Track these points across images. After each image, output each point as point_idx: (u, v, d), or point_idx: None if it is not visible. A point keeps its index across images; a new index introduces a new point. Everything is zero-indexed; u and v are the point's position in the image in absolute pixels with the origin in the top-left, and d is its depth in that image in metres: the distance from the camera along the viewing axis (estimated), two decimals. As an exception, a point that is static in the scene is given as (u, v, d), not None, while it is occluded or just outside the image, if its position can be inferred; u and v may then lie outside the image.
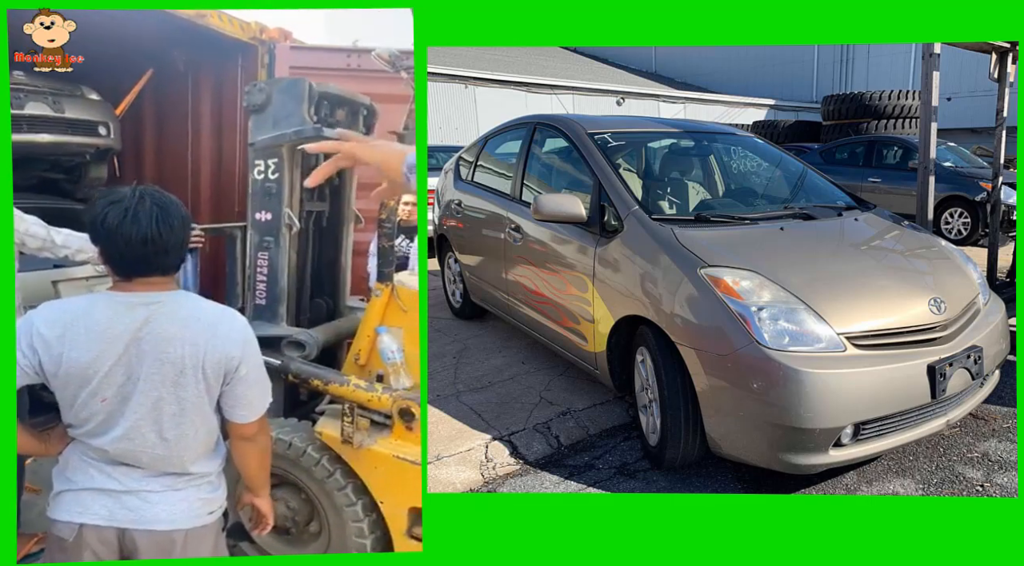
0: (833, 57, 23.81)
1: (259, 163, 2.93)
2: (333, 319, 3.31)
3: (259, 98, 2.90)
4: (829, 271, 2.92)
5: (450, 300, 5.24)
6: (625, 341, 3.15)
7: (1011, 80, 5.67)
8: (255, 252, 2.97)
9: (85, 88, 4.81)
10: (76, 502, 1.66)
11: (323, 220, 3.31)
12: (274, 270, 2.94)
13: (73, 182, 5.22)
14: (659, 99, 21.24)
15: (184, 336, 1.63)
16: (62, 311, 1.64)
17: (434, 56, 15.73)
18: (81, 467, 1.68)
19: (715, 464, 2.95)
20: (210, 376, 1.67)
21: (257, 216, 2.95)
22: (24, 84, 4.37)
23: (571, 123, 3.87)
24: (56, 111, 4.46)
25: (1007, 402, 3.42)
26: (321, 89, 2.98)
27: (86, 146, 4.77)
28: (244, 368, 1.71)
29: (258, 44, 4.56)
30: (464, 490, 2.87)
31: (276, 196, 2.91)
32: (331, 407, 2.75)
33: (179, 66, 5.00)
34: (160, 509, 1.67)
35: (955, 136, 13.31)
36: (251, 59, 4.61)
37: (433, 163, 8.33)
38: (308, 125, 2.85)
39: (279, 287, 2.95)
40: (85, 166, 5.10)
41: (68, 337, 1.59)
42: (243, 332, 1.73)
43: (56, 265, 3.70)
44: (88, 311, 1.62)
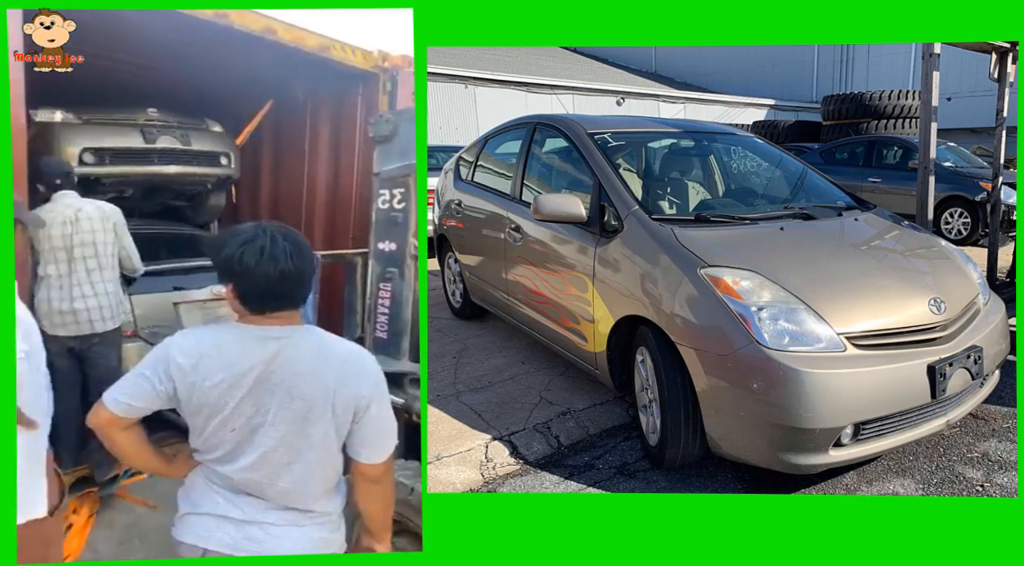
0: (833, 57, 23.81)
1: (384, 192, 2.92)
2: None
3: (386, 129, 2.91)
4: (829, 271, 2.92)
5: (450, 300, 5.24)
6: (625, 341, 3.15)
7: (1011, 80, 5.67)
8: (377, 283, 2.93)
9: (209, 121, 5.05)
10: (201, 526, 1.66)
11: None
12: (398, 302, 2.90)
13: (194, 209, 5.48)
14: (659, 99, 21.24)
15: (314, 372, 1.63)
16: (196, 341, 1.65)
17: (434, 56, 15.72)
18: (207, 492, 1.68)
19: (715, 464, 2.95)
20: (339, 414, 1.65)
21: (380, 246, 2.92)
22: (157, 120, 4.64)
23: (571, 123, 3.87)
24: (184, 144, 4.69)
25: (1007, 402, 3.42)
26: None
27: (208, 176, 5.00)
28: (374, 408, 1.68)
29: (380, 72, 4.61)
30: (464, 490, 2.87)
31: (402, 226, 2.90)
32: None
33: (299, 96, 5.17)
34: (283, 543, 1.66)
35: (955, 136, 13.32)
36: (372, 88, 4.66)
37: (433, 163, 8.32)
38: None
39: (402, 320, 2.90)
40: (206, 194, 5.33)
41: (201, 367, 1.60)
42: (374, 371, 1.71)
43: (176, 287, 3.85)
44: (220, 342, 1.63)
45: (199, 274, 4.05)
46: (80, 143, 4.29)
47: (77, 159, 4.27)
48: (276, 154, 5.66)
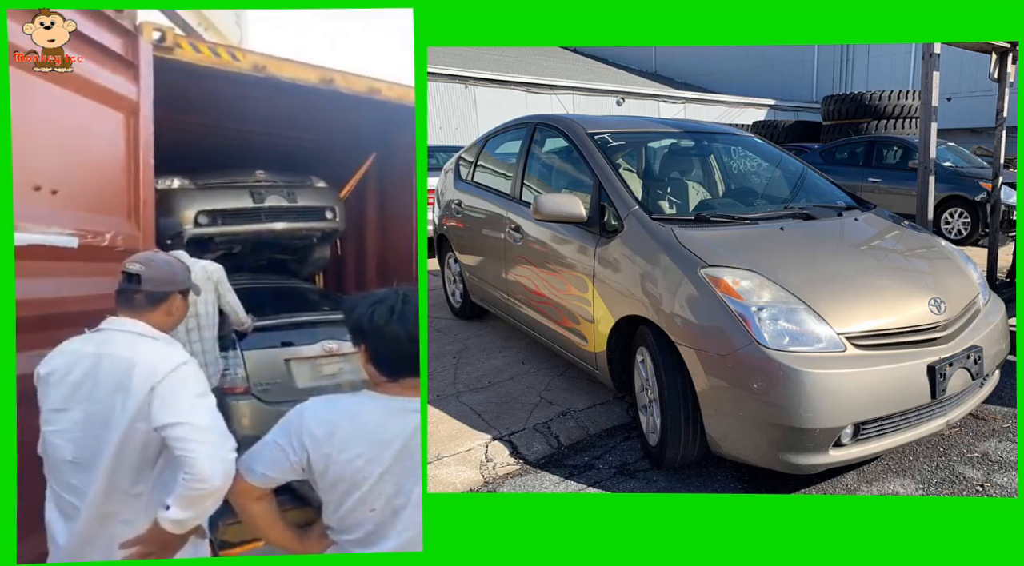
0: (833, 57, 23.81)
1: None
2: None
3: None
4: (829, 271, 2.92)
5: (450, 300, 5.24)
6: (625, 341, 3.15)
7: (1011, 80, 5.66)
8: None
9: (314, 177, 5.25)
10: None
11: None
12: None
13: (299, 262, 5.66)
14: (659, 99, 21.24)
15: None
16: (333, 407, 1.59)
17: (434, 56, 15.73)
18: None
19: (715, 464, 2.95)
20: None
21: None
22: (265, 180, 4.89)
23: (571, 123, 3.87)
24: (290, 201, 4.91)
25: (1007, 402, 3.42)
26: None
27: (314, 230, 5.18)
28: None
29: None
30: (464, 490, 2.87)
31: None
32: None
33: (401, 149, 5.29)
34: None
35: (955, 136, 13.32)
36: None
37: (433, 163, 8.32)
38: None
39: None
40: (311, 247, 5.51)
41: (337, 438, 1.53)
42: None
43: (284, 343, 3.91)
44: (359, 412, 1.56)
45: (309, 329, 4.08)
46: (195, 207, 4.55)
47: (193, 221, 4.49)
48: (381, 206, 5.83)
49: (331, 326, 4.14)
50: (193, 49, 3.44)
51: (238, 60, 3.62)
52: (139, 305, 1.87)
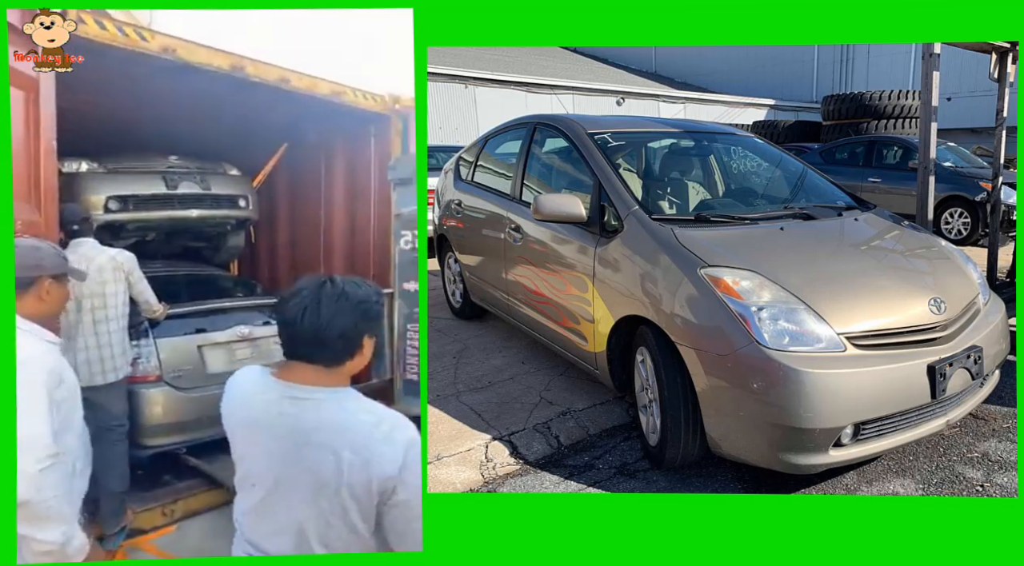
0: (833, 57, 23.81)
1: (406, 233, 2.95)
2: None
3: (405, 171, 2.92)
4: (829, 271, 2.92)
5: (450, 300, 5.24)
6: (625, 341, 3.15)
7: (1011, 80, 5.67)
8: (404, 323, 2.92)
9: (227, 165, 5.20)
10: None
11: None
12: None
13: (214, 250, 5.65)
14: (659, 99, 21.24)
15: (331, 444, 1.44)
16: (235, 384, 1.60)
17: (434, 56, 15.72)
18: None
19: (715, 464, 2.95)
20: (359, 494, 1.43)
21: (405, 286, 2.92)
22: (178, 166, 4.82)
23: (571, 123, 3.87)
24: (204, 188, 4.86)
25: (1007, 402, 3.42)
26: None
27: (228, 218, 5.15)
28: (404, 493, 1.44)
29: (392, 114, 4.76)
30: (464, 490, 2.87)
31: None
32: None
33: (313, 139, 5.34)
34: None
35: (955, 136, 13.31)
36: (385, 129, 4.82)
37: (433, 163, 8.33)
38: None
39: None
40: (225, 235, 5.49)
41: (233, 413, 1.57)
42: (404, 448, 1.44)
43: (198, 329, 3.92)
44: (251, 391, 1.56)
45: (222, 315, 4.10)
46: (105, 192, 4.44)
47: (103, 207, 4.41)
48: (293, 196, 5.82)
49: (245, 312, 4.22)
50: (99, 26, 3.25)
51: (146, 41, 3.46)
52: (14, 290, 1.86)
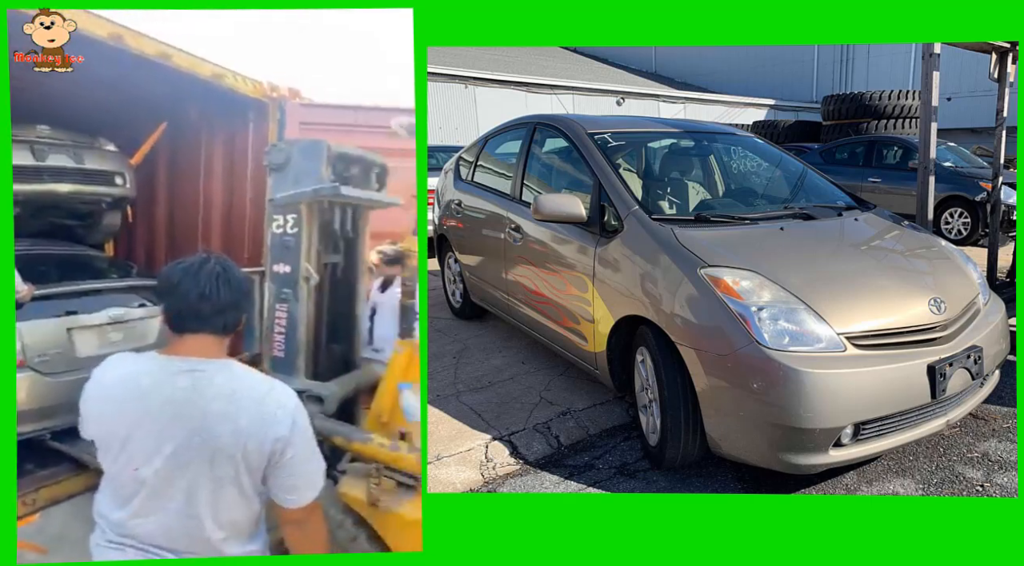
0: (833, 57, 23.81)
1: (278, 218, 3.00)
2: (348, 371, 3.30)
3: (279, 157, 2.99)
4: (829, 271, 2.92)
5: (450, 300, 5.24)
6: (625, 341, 3.15)
7: (1011, 80, 5.66)
8: (273, 303, 3.00)
9: (103, 140, 4.94)
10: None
11: (338, 271, 3.35)
12: (293, 322, 2.98)
13: (87, 228, 5.33)
14: (659, 99, 21.24)
15: (225, 413, 1.55)
16: (110, 370, 1.61)
17: (434, 56, 15.72)
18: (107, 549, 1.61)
19: (715, 464, 2.95)
20: (252, 459, 1.57)
21: (276, 268, 3.00)
22: (48, 137, 4.54)
23: (571, 123, 3.87)
24: (76, 162, 4.59)
25: (1007, 402, 3.42)
26: (338, 149, 3.06)
27: (103, 195, 4.91)
28: (291, 451, 1.60)
29: (269, 101, 4.74)
30: (464, 490, 2.87)
31: (295, 250, 2.99)
32: (353, 466, 2.69)
33: (193, 121, 5.17)
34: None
35: (955, 136, 13.31)
36: (262, 115, 4.79)
37: (433, 163, 8.33)
38: (326, 183, 2.94)
39: (298, 339, 2.98)
40: (100, 213, 5.23)
41: (111, 399, 1.56)
42: (292, 415, 1.61)
43: (68, 312, 3.74)
44: (134, 373, 1.58)
45: (94, 296, 3.94)
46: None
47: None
48: (172, 176, 5.65)
49: (118, 294, 4.08)
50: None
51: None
52: None
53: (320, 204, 3.08)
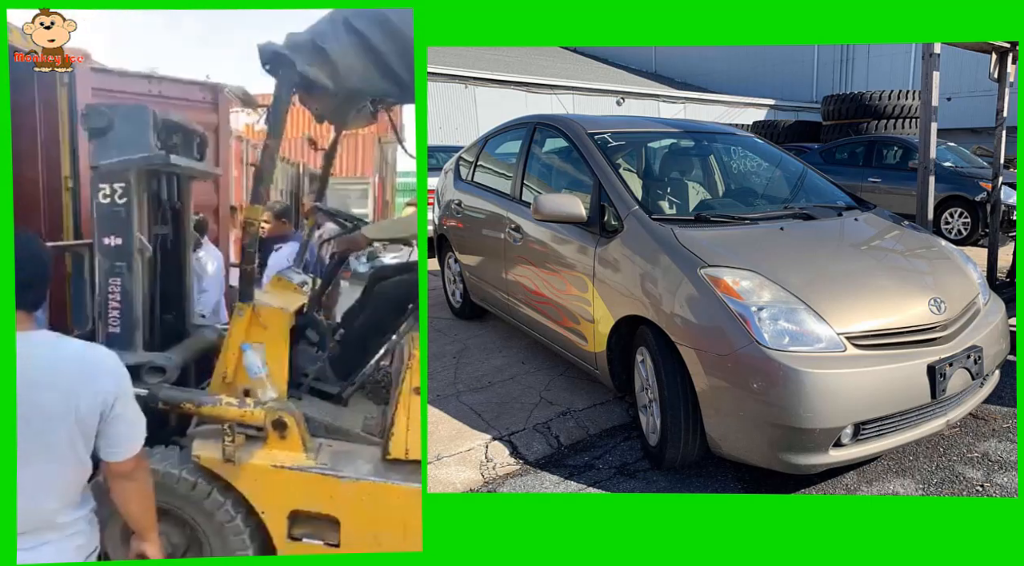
0: (833, 57, 23.80)
1: (104, 187, 2.86)
2: (181, 339, 3.27)
3: (100, 122, 2.85)
4: (829, 271, 2.92)
5: (450, 300, 5.24)
6: (625, 341, 3.15)
7: (1011, 80, 5.67)
8: (105, 278, 2.90)
9: None
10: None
11: (167, 243, 3.29)
12: (128, 297, 2.86)
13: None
14: (659, 99, 21.24)
15: (50, 381, 1.53)
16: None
17: (434, 56, 15.72)
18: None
19: (715, 464, 2.95)
20: (84, 419, 1.57)
21: (106, 241, 2.87)
22: None
23: (571, 123, 3.87)
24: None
25: (1007, 402, 3.42)
26: (163, 116, 2.97)
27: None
28: (119, 405, 1.63)
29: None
30: (464, 490, 2.87)
31: (126, 221, 2.84)
32: (199, 430, 2.72)
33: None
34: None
35: (955, 136, 13.31)
36: (49, 79, 4.37)
37: (433, 163, 8.33)
38: (156, 152, 2.84)
39: (134, 314, 2.87)
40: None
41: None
42: (115, 368, 1.65)
43: None
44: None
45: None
46: None
47: None
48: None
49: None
50: None
51: None
52: None
53: (147, 173, 2.92)
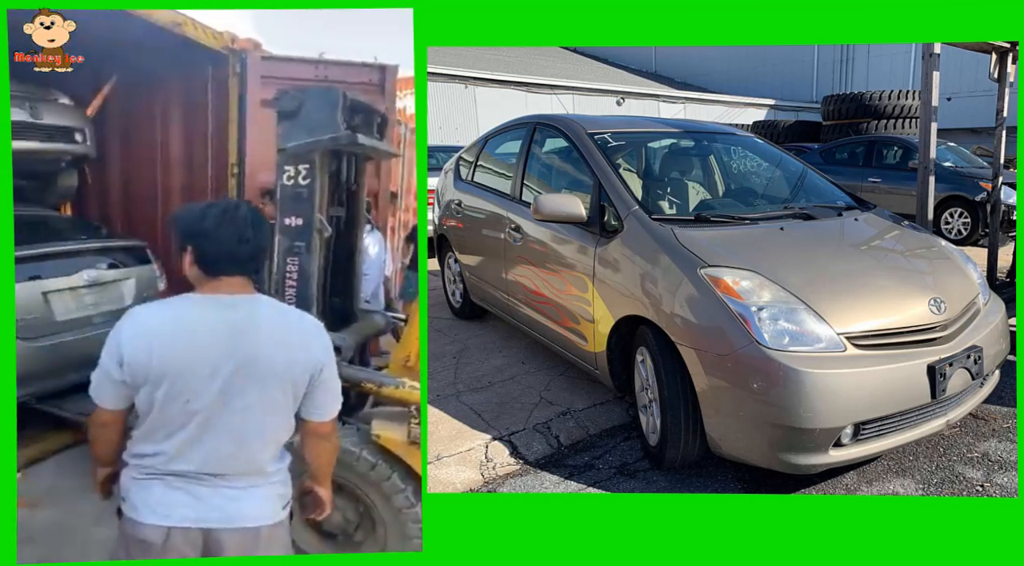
0: (833, 57, 23.81)
1: (289, 168, 2.96)
2: (348, 322, 3.32)
3: (291, 105, 2.94)
4: (829, 271, 2.92)
5: (450, 300, 5.24)
6: (625, 341, 3.15)
7: (1011, 80, 5.66)
8: (284, 257, 2.98)
9: (57, 92, 4.61)
10: (161, 504, 1.63)
11: (341, 224, 3.34)
12: (305, 275, 2.96)
13: (41, 190, 5.00)
14: (659, 99, 21.24)
15: (277, 340, 1.67)
16: (148, 315, 1.64)
17: (434, 56, 15.72)
18: (153, 481, 1.65)
19: (715, 464, 2.95)
20: (297, 380, 1.69)
21: (287, 221, 2.97)
22: None
23: (571, 123, 3.87)
24: (34, 117, 4.29)
25: (1007, 402, 3.42)
26: (352, 97, 3.03)
27: (62, 153, 4.61)
28: (327, 371, 1.76)
29: (229, 54, 4.57)
30: (464, 490, 2.87)
31: (308, 201, 2.95)
32: (380, 411, 2.77)
33: (148, 70, 4.85)
34: (245, 506, 1.67)
35: (955, 136, 13.31)
36: (222, 68, 4.60)
37: (433, 163, 8.33)
38: (342, 132, 2.91)
39: (310, 292, 2.96)
40: (57, 174, 4.92)
41: (156, 342, 1.58)
42: (325, 337, 1.79)
43: (32, 276, 3.59)
44: (178, 315, 1.63)
45: (65, 260, 3.82)
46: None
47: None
48: (127, 132, 5.25)
49: (90, 255, 3.97)
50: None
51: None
52: None
53: (330, 154, 3.02)
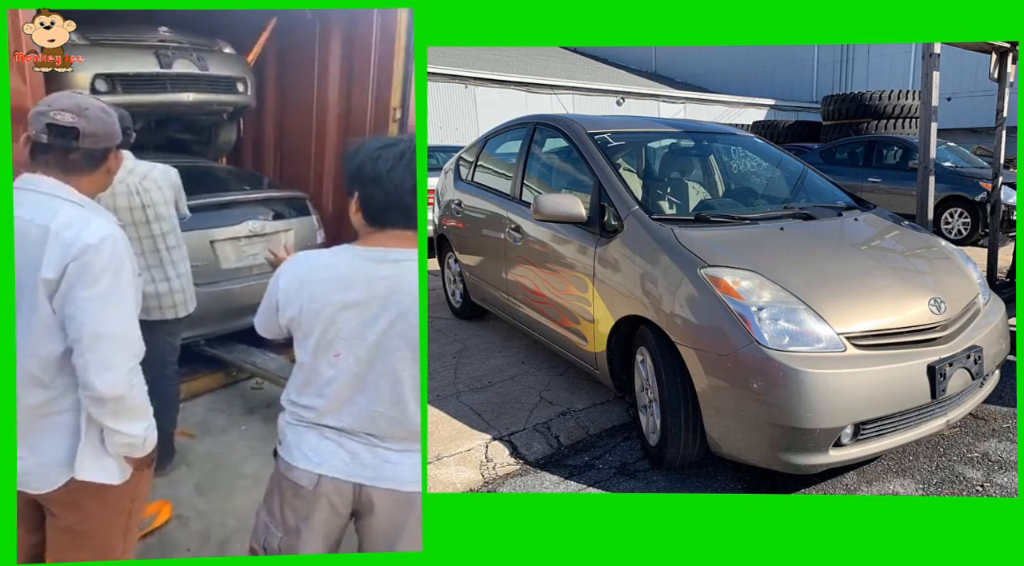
0: (833, 57, 23.81)
1: None
2: None
3: None
4: (829, 271, 2.92)
5: (450, 300, 5.24)
6: (625, 341, 3.15)
7: (1011, 80, 5.66)
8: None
9: (221, 41, 4.46)
10: (314, 452, 1.60)
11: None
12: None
13: (203, 143, 4.88)
14: (659, 99, 21.24)
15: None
16: (304, 263, 1.59)
17: (434, 56, 15.72)
18: (316, 427, 1.62)
19: (715, 464, 2.95)
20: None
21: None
22: (170, 40, 4.04)
23: (571, 123, 3.87)
24: (201, 68, 4.16)
25: (1007, 402, 3.42)
26: None
27: (225, 104, 4.46)
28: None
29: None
30: (464, 490, 2.87)
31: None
32: None
33: (307, 16, 4.65)
34: (400, 470, 1.61)
35: (955, 136, 13.32)
36: (390, 16, 4.25)
37: (433, 163, 8.32)
38: None
39: None
40: (219, 126, 4.78)
41: (308, 289, 1.54)
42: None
43: (211, 225, 3.63)
44: (332, 264, 1.56)
45: (229, 210, 3.84)
46: (91, 68, 3.63)
47: (89, 87, 3.65)
48: (282, 81, 5.07)
49: (252, 206, 3.99)
50: None
51: None
52: (74, 166, 1.57)
53: None
